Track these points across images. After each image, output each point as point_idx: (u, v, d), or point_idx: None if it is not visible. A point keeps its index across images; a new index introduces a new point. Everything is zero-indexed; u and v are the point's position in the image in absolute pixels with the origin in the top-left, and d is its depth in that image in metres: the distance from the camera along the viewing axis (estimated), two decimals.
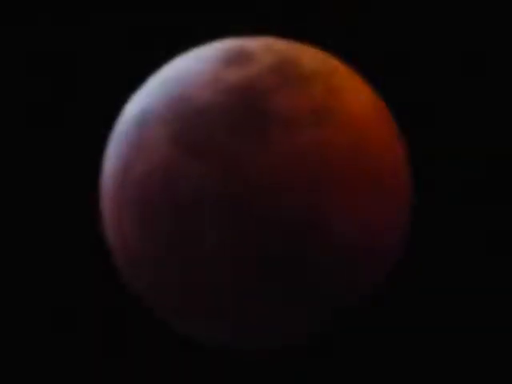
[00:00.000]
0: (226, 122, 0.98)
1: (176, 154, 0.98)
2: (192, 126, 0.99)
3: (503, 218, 1.26)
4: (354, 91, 1.04)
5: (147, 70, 1.12)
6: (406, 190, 1.06)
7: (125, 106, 1.12)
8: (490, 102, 1.30)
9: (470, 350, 1.18)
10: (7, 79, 1.31)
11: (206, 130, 0.98)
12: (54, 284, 1.25)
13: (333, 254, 0.98)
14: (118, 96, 1.18)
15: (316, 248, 0.97)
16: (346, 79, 1.05)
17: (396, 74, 1.29)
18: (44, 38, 1.32)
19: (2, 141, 1.30)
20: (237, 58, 1.03)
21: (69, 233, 1.27)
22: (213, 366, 1.15)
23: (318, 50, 1.10)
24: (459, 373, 1.16)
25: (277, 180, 0.95)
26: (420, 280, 1.23)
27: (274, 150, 0.96)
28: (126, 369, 1.17)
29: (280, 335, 1.04)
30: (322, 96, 1.00)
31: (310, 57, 1.05)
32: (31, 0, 1.32)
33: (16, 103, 1.30)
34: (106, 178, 1.08)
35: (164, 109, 1.02)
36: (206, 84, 1.01)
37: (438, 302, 1.22)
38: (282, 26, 1.19)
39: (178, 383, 1.15)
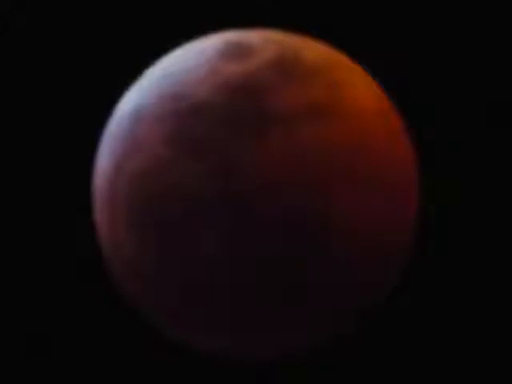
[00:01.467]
0: (224, 120, 0.96)
1: (171, 153, 0.97)
2: (188, 123, 0.97)
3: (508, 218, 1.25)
4: (357, 86, 1.02)
5: (142, 64, 1.12)
6: (412, 188, 1.05)
7: (118, 103, 1.11)
8: (497, 99, 1.29)
9: (479, 352, 1.18)
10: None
11: (202, 128, 0.96)
12: (44, 287, 1.24)
13: (334, 254, 0.96)
14: (112, 92, 1.18)
15: (317, 248, 0.96)
16: (349, 73, 1.03)
17: (402, 69, 1.29)
18: (40, 35, 1.32)
19: None
20: (235, 52, 1.01)
21: (61, 233, 1.25)
22: (210, 376, 1.14)
23: (320, 43, 1.09)
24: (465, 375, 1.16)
25: (277, 179, 0.94)
26: (426, 281, 1.22)
27: (273, 149, 0.95)
28: (120, 378, 1.16)
29: (280, 342, 1.03)
30: (324, 92, 0.99)
31: (311, 50, 1.04)
32: None
33: (5, 100, 1.30)
34: (98, 177, 1.06)
35: (158, 105, 1.00)
36: (202, 79, 0.99)
37: (443, 302, 1.21)
38: (282, 22, 1.18)
39: None
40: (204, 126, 0.96)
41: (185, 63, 1.03)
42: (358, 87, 1.03)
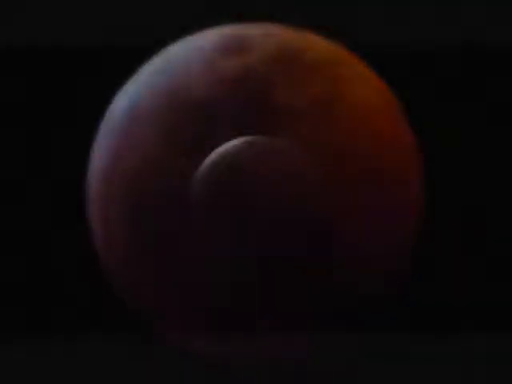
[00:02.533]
0: (222, 117, 0.96)
1: (168, 151, 0.96)
2: (185, 120, 0.97)
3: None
4: (359, 82, 1.02)
5: (137, 60, 1.12)
6: (414, 186, 1.04)
7: (113, 99, 1.10)
8: (497, 99, 1.29)
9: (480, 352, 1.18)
10: None
11: (200, 125, 0.96)
12: (43, 287, 1.24)
13: (334, 254, 0.96)
14: (107, 88, 1.18)
15: (317, 248, 0.95)
16: (351, 69, 1.03)
17: (404, 66, 1.29)
18: (39, 35, 1.32)
19: None
20: (235, 46, 1.01)
21: (55, 232, 1.25)
22: (209, 376, 1.14)
23: (323, 38, 1.08)
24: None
25: (277, 178, 0.94)
26: (426, 281, 1.22)
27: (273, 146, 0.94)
28: (120, 378, 1.16)
29: (280, 342, 1.03)
30: (325, 87, 0.99)
31: (313, 45, 1.03)
32: None
33: (3, 99, 1.30)
34: (92, 175, 1.06)
35: (155, 102, 1.00)
36: (200, 75, 0.99)
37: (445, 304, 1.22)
38: (282, 17, 1.18)
39: None
40: (201, 123, 0.96)
41: (182, 58, 1.03)
42: (360, 83, 1.02)
